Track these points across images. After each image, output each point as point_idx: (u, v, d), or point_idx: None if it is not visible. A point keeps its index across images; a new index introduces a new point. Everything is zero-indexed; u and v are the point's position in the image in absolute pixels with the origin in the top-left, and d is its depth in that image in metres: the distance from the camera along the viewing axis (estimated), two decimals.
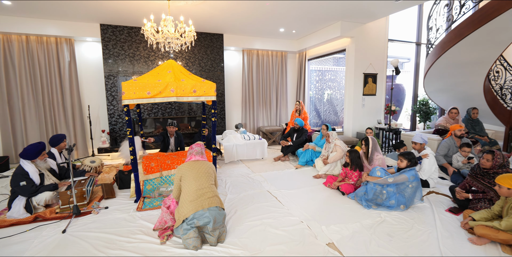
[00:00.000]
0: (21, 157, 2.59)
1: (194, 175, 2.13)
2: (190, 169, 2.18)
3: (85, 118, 5.09)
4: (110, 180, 3.40)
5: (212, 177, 2.23)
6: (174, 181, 2.19)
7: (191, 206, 1.98)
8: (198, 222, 1.95)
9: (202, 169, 2.19)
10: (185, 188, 2.10)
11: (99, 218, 2.48)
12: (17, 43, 4.53)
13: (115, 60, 5.05)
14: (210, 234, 2.00)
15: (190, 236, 1.94)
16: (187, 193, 2.06)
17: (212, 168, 2.29)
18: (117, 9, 4.10)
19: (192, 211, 1.96)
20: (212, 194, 2.09)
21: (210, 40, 5.68)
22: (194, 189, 2.06)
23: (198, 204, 1.99)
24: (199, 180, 2.11)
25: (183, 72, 3.18)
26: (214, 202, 2.04)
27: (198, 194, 2.04)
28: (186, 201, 2.03)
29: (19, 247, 2.03)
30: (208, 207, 1.99)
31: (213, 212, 1.99)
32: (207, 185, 2.11)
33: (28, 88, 4.62)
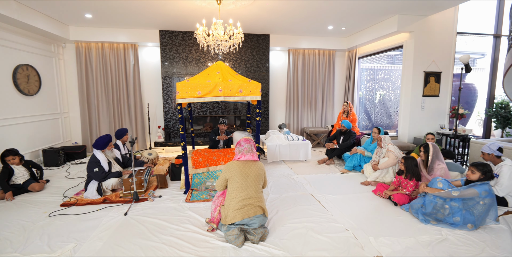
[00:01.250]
0: (93, 147, 3.04)
1: (243, 183, 2.09)
2: (239, 172, 2.12)
3: (144, 115, 5.71)
4: (163, 171, 3.75)
5: (261, 182, 2.21)
6: (220, 177, 2.21)
7: (238, 214, 2.04)
8: (243, 226, 2.06)
9: (252, 174, 2.14)
10: (232, 192, 2.11)
11: (153, 205, 2.75)
12: (95, 50, 5.31)
13: (170, 63, 5.53)
14: (253, 234, 2.04)
15: (233, 233, 2.02)
16: (233, 199, 2.08)
17: (262, 169, 2.24)
18: (174, 16, 4.48)
19: (239, 219, 2.03)
20: (259, 202, 2.11)
21: (256, 41, 5.79)
22: (241, 197, 2.07)
23: (245, 213, 2.04)
24: (247, 190, 2.09)
25: (230, 73, 3.30)
26: (259, 210, 2.09)
27: (245, 203, 2.06)
28: (232, 208, 2.06)
29: (92, 223, 2.38)
30: (254, 215, 2.06)
31: (258, 219, 2.07)
32: (255, 195, 2.11)
33: (102, 88, 5.39)
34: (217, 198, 2.32)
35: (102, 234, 2.19)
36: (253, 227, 2.07)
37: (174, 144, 5.49)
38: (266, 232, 2.12)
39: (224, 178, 2.19)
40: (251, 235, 2.05)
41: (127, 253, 1.94)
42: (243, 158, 2.20)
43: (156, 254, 1.92)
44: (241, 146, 2.25)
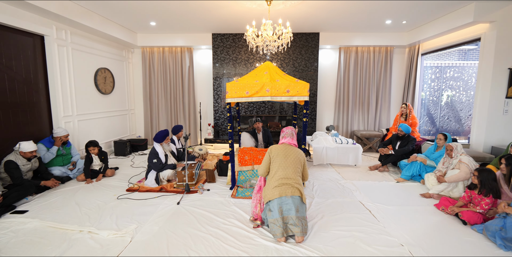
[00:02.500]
0: (153, 140, 3.40)
1: (283, 163, 2.20)
2: (280, 153, 2.25)
3: (197, 113, 6.14)
4: (212, 166, 3.97)
5: (300, 168, 2.26)
6: (264, 160, 2.30)
7: (276, 191, 2.11)
8: (281, 207, 2.07)
9: (291, 157, 2.24)
10: (272, 171, 2.22)
11: (202, 197, 2.95)
12: (157, 53, 5.92)
13: (221, 64, 5.82)
14: (295, 224, 2.03)
15: (276, 223, 2.05)
16: (272, 178, 2.19)
17: (301, 156, 2.30)
18: (226, 19, 4.70)
19: (276, 196, 2.10)
20: (296, 184, 2.16)
21: (305, 40, 5.67)
22: (279, 176, 2.16)
23: (282, 190, 2.10)
24: (285, 169, 2.19)
25: (278, 73, 3.31)
26: (297, 192, 2.12)
27: (282, 182, 2.14)
28: (271, 185, 2.17)
29: (150, 209, 2.67)
30: (291, 195, 2.09)
31: (295, 200, 2.09)
32: (293, 176, 2.18)
33: (161, 88, 5.98)
34: (255, 194, 2.38)
35: (158, 219, 2.44)
36: (293, 215, 2.04)
37: (222, 141, 5.78)
38: (306, 226, 2.09)
39: (267, 159, 2.28)
40: (294, 227, 2.03)
41: (178, 239, 2.12)
42: (283, 140, 2.39)
43: (203, 244, 2.05)
44: (284, 132, 2.45)
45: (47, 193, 3.10)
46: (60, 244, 2.04)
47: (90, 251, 1.96)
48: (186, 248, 1.99)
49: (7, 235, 2.17)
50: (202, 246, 2.02)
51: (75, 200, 2.88)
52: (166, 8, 4.10)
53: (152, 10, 4.16)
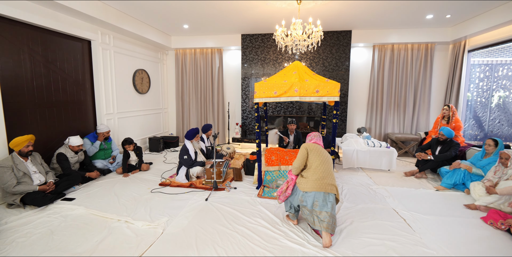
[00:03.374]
0: (185, 137, 3.56)
1: (321, 158, 2.21)
2: (316, 150, 2.26)
3: (225, 113, 6.28)
4: (239, 165, 4.03)
5: (332, 167, 2.29)
6: (299, 155, 2.26)
7: (316, 184, 2.09)
8: (316, 201, 2.07)
9: (326, 155, 2.26)
10: (312, 164, 2.20)
11: (229, 195, 3.01)
12: (189, 55, 6.17)
13: (249, 64, 5.88)
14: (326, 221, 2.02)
15: (309, 212, 2.10)
16: (313, 171, 2.16)
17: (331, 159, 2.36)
18: (255, 20, 4.73)
19: (314, 189, 2.08)
20: (333, 181, 2.16)
21: (336, 39, 5.49)
22: (321, 170, 2.15)
23: (322, 186, 2.09)
24: (325, 164, 2.19)
25: (307, 72, 3.25)
26: (334, 190, 2.13)
27: (323, 176, 2.13)
28: (311, 177, 2.14)
29: (180, 203, 2.80)
30: (329, 192, 2.09)
31: (332, 198, 2.09)
32: (330, 172, 2.19)
33: (192, 88, 6.23)
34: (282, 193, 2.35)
35: (187, 214, 2.55)
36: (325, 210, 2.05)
37: (249, 140, 5.84)
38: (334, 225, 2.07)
39: (304, 153, 2.25)
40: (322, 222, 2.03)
41: (206, 234, 2.19)
42: (313, 140, 2.42)
43: (230, 241, 2.09)
44: (310, 135, 2.50)
45: (90, 183, 3.41)
46: (101, 231, 2.23)
47: (127, 239, 2.12)
48: (213, 244, 2.05)
49: (58, 219, 2.43)
50: (228, 243, 2.07)
51: (114, 191, 3.13)
52: (198, 11, 4.25)
53: (185, 13, 4.35)
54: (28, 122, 3.26)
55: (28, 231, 2.23)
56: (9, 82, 3.02)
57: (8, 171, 2.61)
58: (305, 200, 2.12)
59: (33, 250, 1.97)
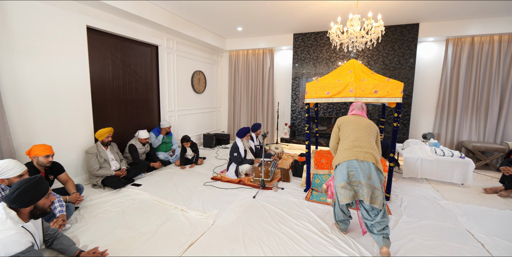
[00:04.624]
0: (236, 135, 3.71)
1: (354, 126, 2.11)
2: (349, 120, 2.17)
3: (274, 113, 6.33)
4: (287, 166, 4.04)
5: (374, 135, 2.09)
6: (332, 131, 2.25)
7: (346, 154, 1.99)
8: (351, 171, 1.92)
9: (363, 123, 2.12)
10: (342, 136, 2.13)
11: (276, 195, 3.03)
12: (241, 56, 6.40)
13: (301, 64, 5.78)
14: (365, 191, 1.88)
15: (346, 187, 1.95)
16: (343, 142, 2.08)
17: (375, 127, 2.15)
18: (308, 18, 4.61)
19: (346, 158, 1.96)
20: (370, 149, 1.98)
21: (399, 33, 4.97)
22: (351, 139, 2.04)
23: (353, 153, 1.95)
24: (357, 132, 2.07)
25: (364, 71, 3.04)
26: (371, 158, 1.94)
27: (354, 144, 2.00)
28: (341, 149, 2.06)
29: (229, 198, 2.94)
30: (363, 159, 1.93)
31: (367, 165, 1.91)
32: (366, 139, 2.03)
33: (244, 88, 6.44)
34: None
35: (236, 209, 2.66)
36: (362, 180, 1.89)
37: (298, 141, 5.76)
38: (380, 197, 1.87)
39: (336, 129, 2.20)
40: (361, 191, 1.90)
41: (253, 231, 2.25)
42: (352, 112, 2.31)
43: (276, 241, 2.11)
44: (352, 105, 2.37)
45: (154, 172, 3.85)
46: (161, 216, 2.50)
47: (182, 226, 2.32)
48: (260, 242, 2.10)
49: (128, 201, 2.82)
50: (274, 243, 2.08)
51: (172, 181, 3.47)
52: (251, 13, 4.37)
53: (239, 16, 4.51)
54: (108, 117, 3.86)
55: (106, 208, 2.64)
56: (96, 83, 3.62)
57: (94, 157, 3.13)
58: (338, 176, 1.98)
59: (109, 225, 2.33)
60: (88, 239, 2.09)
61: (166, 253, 1.94)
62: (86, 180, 3.40)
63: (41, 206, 1.50)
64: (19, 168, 1.98)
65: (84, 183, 3.35)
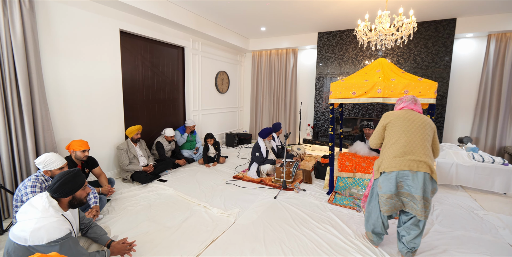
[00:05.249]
0: (258, 135, 3.72)
1: (404, 127, 1.76)
2: (400, 117, 1.81)
3: (297, 113, 6.25)
4: (309, 167, 3.96)
5: (430, 136, 1.76)
6: (376, 129, 1.95)
7: (395, 162, 1.70)
8: (401, 182, 1.69)
9: (418, 121, 1.77)
10: (390, 139, 1.80)
11: (298, 196, 2.99)
12: (264, 56, 6.40)
13: (325, 63, 5.65)
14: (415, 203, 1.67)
15: (389, 197, 1.72)
16: (392, 147, 1.77)
17: (431, 124, 1.79)
18: (334, 16, 4.49)
19: (395, 168, 1.68)
20: (424, 156, 1.68)
21: (434, 30, 4.66)
22: (402, 143, 1.73)
23: (405, 163, 1.67)
24: (409, 134, 1.74)
25: (394, 70, 2.89)
26: (425, 167, 1.65)
27: (405, 151, 1.70)
28: (389, 155, 1.75)
29: (250, 197, 2.95)
30: (416, 170, 1.65)
31: (421, 177, 1.64)
32: (419, 143, 1.71)
33: (266, 88, 6.45)
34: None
35: (257, 208, 2.67)
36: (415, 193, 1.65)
37: (321, 143, 5.64)
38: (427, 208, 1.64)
39: (381, 126, 1.89)
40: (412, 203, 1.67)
41: (274, 231, 2.24)
42: (401, 105, 1.94)
43: (297, 243, 2.08)
44: (400, 99, 1.99)
45: (179, 169, 3.99)
46: (185, 211, 2.59)
47: (204, 222, 2.38)
48: (280, 242, 2.08)
49: (154, 196, 2.95)
50: (295, 245, 2.06)
51: (196, 178, 3.57)
52: (275, 13, 4.35)
53: (263, 16, 4.51)
54: (138, 116, 4.06)
55: (135, 202, 2.79)
56: (127, 83, 3.83)
57: (124, 153, 3.32)
58: (384, 186, 1.71)
59: (137, 218, 2.45)
60: (118, 230, 2.22)
61: (189, 247, 2.00)
62: (117, 174, 3.62)
63: (78, 197, 1.62)
64: (60, 161, 2.16)
65: (115, 177, 3.57)
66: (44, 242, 1.33)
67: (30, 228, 1.33)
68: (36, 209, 1.42)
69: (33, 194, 1.96)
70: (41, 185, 2.06)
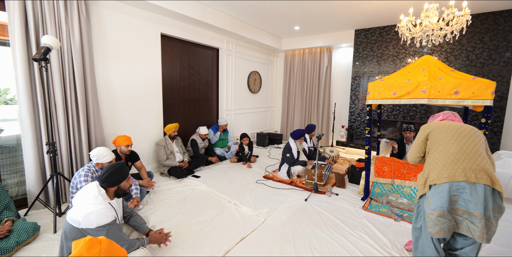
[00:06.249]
0: (290, 136, 3.67)
1: (452, 133, 1.53)
2: (443, 125, 1.59)
3: (330, 114, 6.06)
4: (342, 171, 3.81)
5: (483, 145, 1.49)
6: (415, 142, 1.68)
7: (447, 172, 1.42)
8: (455, 196, 1.39)
9: (465, 128, 1.54)
10: (436, 147, 1.55)
11: (330, 200, 2.89)
12: (297, 56, 6.30)
13: (362, 62, 5.36)
14: (473, 222, 1.35)
15: (440, 215, 1.39)
16: (440, 155, 1.50)
17: (481, 134, 1.54)
18: (373, 11, 4.22)
19: (448, 179, 1.39)
20: (484, 162, 1.39)
21: (492, 22, 4.13)
22: (453, 150, 1.46)
23: (460, 172, 1.38)
24: (460, 140, 1.48)
25: (442, 69, 2.63)
26: (485, 178, 1.34)
27: (458, 158, 1.43)
28: (438, 164, 1.48)
29: (280, 198, 2.93)
30: (475, 181, 1.34)
31: (480, 189, 1.33)
32: (474, 150, 1.43)
33: (298, 88, 6.35)
34: None
35: (287, 210, 2.64)
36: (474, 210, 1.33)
37: (356, 145, 5.38)
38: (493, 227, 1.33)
39: (422, 138, 1.63)
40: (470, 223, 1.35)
41: (304, 234, 2.19)
42: (441, 117, 1.75)
43: (328, 249, 2.01)
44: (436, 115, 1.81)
45: (211, 166, 4.13)
46: (216, 207, 2.67)
47: (234, 219, 2.43)
48: (310, 246, 2.03)
49: (188, 191, 3.09)
50: (326, 250, 1.99)
51: (227, 176, 3.66)
52: (310, 11, 4.25)
53: (297, 15, 4.44)
54: (175, 114, 4.30)
55: (170, 195, 2.95)
56: (166, 83, 4.07)
57: (162, 149, 3.54)
58: (434, 201, 1.41)
59: (172, 210, 2.59)
60: (155, 220, 2.38)
61: (220, 242, 2.06)
62: (155, 169, 3.87)
63: (122, 187, 1.76)
64: (110, 156, 2.38)
65: (154, 171, 3.82)
66: (94, 226, 1.48)
67: (83, 212, 1.48)
68: (88, 196, 1.58)
69: (85, 183, 2.19)
70: (92, 174, 2.29)
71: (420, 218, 1.57)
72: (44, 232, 2.17)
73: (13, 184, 2.65)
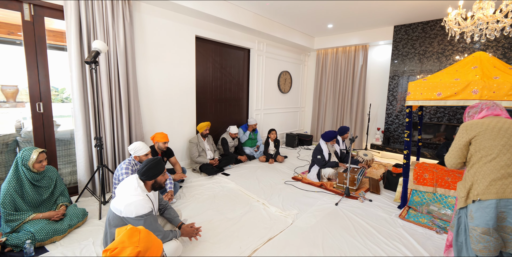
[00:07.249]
0: (321, 137, 3.58)
1: (504, 138, 1.36)
2: (491, 127, 1.40)
3: (365, 115, 5.77)
4: (377, 176, 3.60)
5: None
6: (456, 144, 1.51)
7: (495, 187, 1.31)
8: (503, 213, 1.28)
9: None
10: (483, 155, 1.40)
11: (363, 206, 2.75)
12: (330, 55, 6.10)
13: (402, 60, 5.01)
14: None
15: (485, 232, 1.30)
16: (486, 165, 1.38)
17: None
18: (415, 5, 3.90)
19: (497, 195, 1.30)
20: None
21: None
22: (504, 161, 1.33)
23: (510, 187, 1.29)
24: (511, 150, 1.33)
25: (498, 66, 2.35)
26: None
27: (510, 172, 1.31)
28: (485, 177, 1.36)
29: (309, 200, 2.87)
30: None
31: None
32: None
33: (331, 88, 6.15)
34: None
35: (316, 213, 2.58)
36: None
37: (393, 149, 5.04)
38: None
39: (465, 141, 1.46)
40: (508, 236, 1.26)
41: (334, 240, 2.12)
42: (484, 112, 1.52)
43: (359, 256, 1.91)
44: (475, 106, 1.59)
45: (240, 165, 4.20)
46: (244, 206, 2.70)
47: (262, 219, 2.43)
48: (340, 252, 1.96)
49: (218, 188, 3.18)
50: None
51: (256, 175, 3.68)
52: (344, 7, 4.07)
53: (330, 12, 4.29)
54: (207, 113, 4.45)
55: (201, 191, 3.06)
56: (200, 83, 4.23)
57: (195, 146, 3.69)
58: (478, 216, 1.32)
59: (203, 205, 2.69)
60: (187, 214, 2.48)
61: (247, 241, 2.08)
62: (188, 165, 4.05)
63: (159, 181, 1.88)
64: (145, 149, 2.54)
65: (186, 167, 4.00)
66: (133, 216, 1.59)
67: (124, 202, 1.61)
68: (128, 187, 1.71)
69: (126, 175, 2.37)
70: (132, 167, 2.47)
71: (461, 231, 1.44)
72: (91, 217, 2.40)
73: (67, 173, 2.98)
